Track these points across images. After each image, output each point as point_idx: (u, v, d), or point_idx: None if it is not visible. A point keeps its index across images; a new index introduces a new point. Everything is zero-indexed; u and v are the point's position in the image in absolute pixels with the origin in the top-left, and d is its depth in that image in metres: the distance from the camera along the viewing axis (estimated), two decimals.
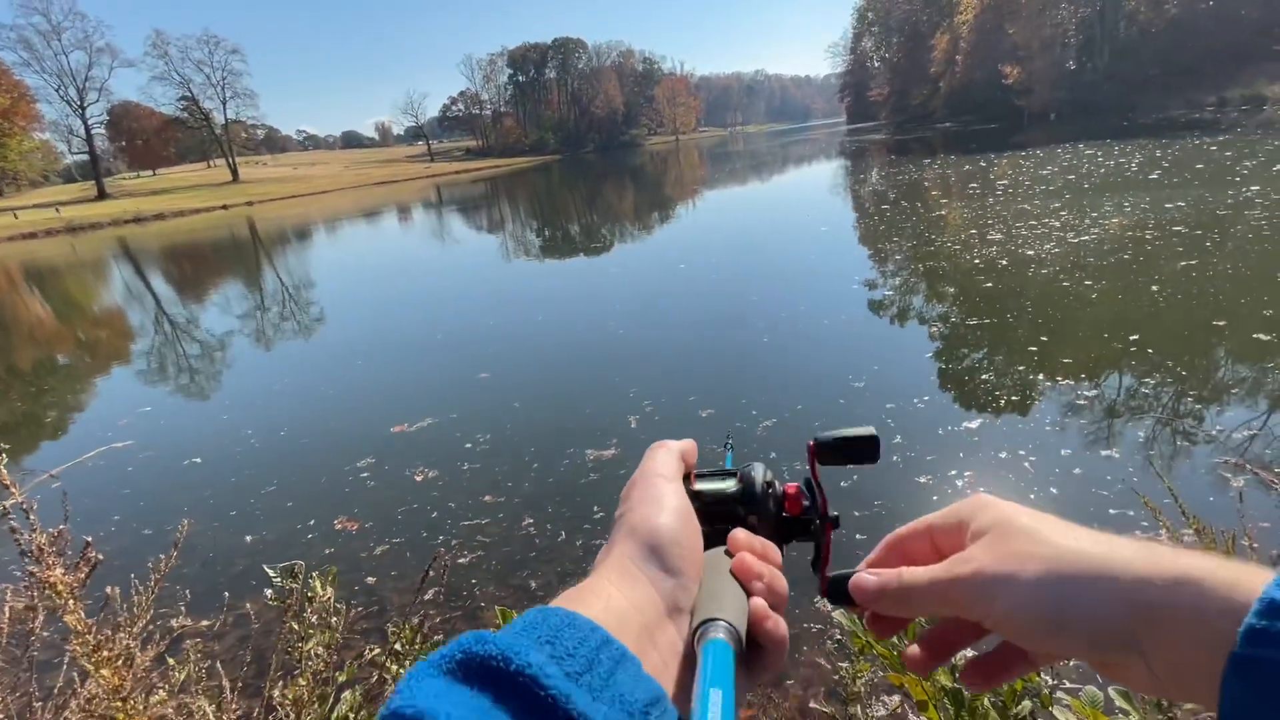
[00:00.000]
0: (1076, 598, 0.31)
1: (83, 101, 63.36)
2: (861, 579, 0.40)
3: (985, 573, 0.34)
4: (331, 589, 1.59)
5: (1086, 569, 0.32)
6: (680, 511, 0.38)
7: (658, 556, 0.36)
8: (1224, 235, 7.19)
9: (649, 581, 0.35)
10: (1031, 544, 0.34)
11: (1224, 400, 3.80)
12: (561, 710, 0.25)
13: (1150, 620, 0.30)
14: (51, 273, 21.00)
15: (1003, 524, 0.36)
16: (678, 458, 0.43)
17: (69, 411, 6.67)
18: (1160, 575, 0.30)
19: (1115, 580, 0.31)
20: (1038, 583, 0.33)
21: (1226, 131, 20.28)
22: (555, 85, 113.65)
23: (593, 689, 0.27)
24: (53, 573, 1.23)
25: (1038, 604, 0.32)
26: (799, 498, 0.44)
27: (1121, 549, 0.32)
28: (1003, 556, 0.34)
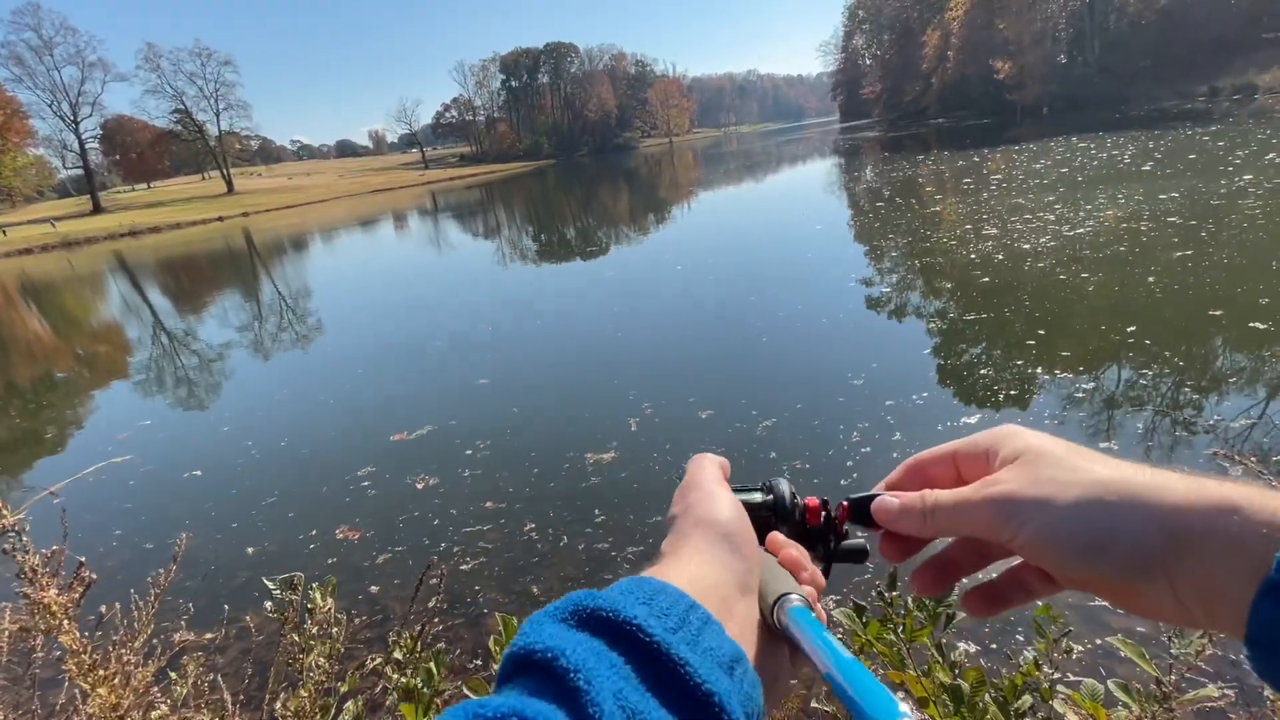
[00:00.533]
0: (1115, 523, 0.32)
1: (76, 116, 63.41)
2: (884, 500, 0.41)
3: (1019, 495, 0.35)
4: (331, 600, 1.59)
5: (1127, 495, 0.32)
6: (735, 506, 0.42)
7: (727, 542, 0.39)
8: (1219, 225, 7.21)
9: (721, 563, 0.38)
10: (1067, 471, 0.35)
11: (1222, 390, 3.81)
12: (665, 655, 0.29)
13: (1187, 545, 0.30)
14: (48, 288, 20.98)
15: (1035, 450, 0.36)
16: (720, 467, 0.47)
17: (68, 427, 6.67)
18: (1203, 501, 0.30)
19: (1156, 506, 0.31)
20: (1075, 507, 0.33)
21: (1219, 121, 20.35)
22: (548, 90, 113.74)
23: (687, 641, 0.30)
24: (46, 594, 1.23)
25: (1075, 528, 0.33)
26: (819, 511, 0.47)
27: (1165, 477, 0.32)
28: (1037, 480, 0.35)
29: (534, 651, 0.29)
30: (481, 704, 0.28)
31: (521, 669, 0.29)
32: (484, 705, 0.27)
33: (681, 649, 0.29)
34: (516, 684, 0.29)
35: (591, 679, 0.27)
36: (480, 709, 0.27)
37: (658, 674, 0.29)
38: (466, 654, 2.62)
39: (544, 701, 0.27)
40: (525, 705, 0.27)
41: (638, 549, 3.08)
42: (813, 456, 3.61)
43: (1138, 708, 1.03)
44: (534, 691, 0.28)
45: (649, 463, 3.85)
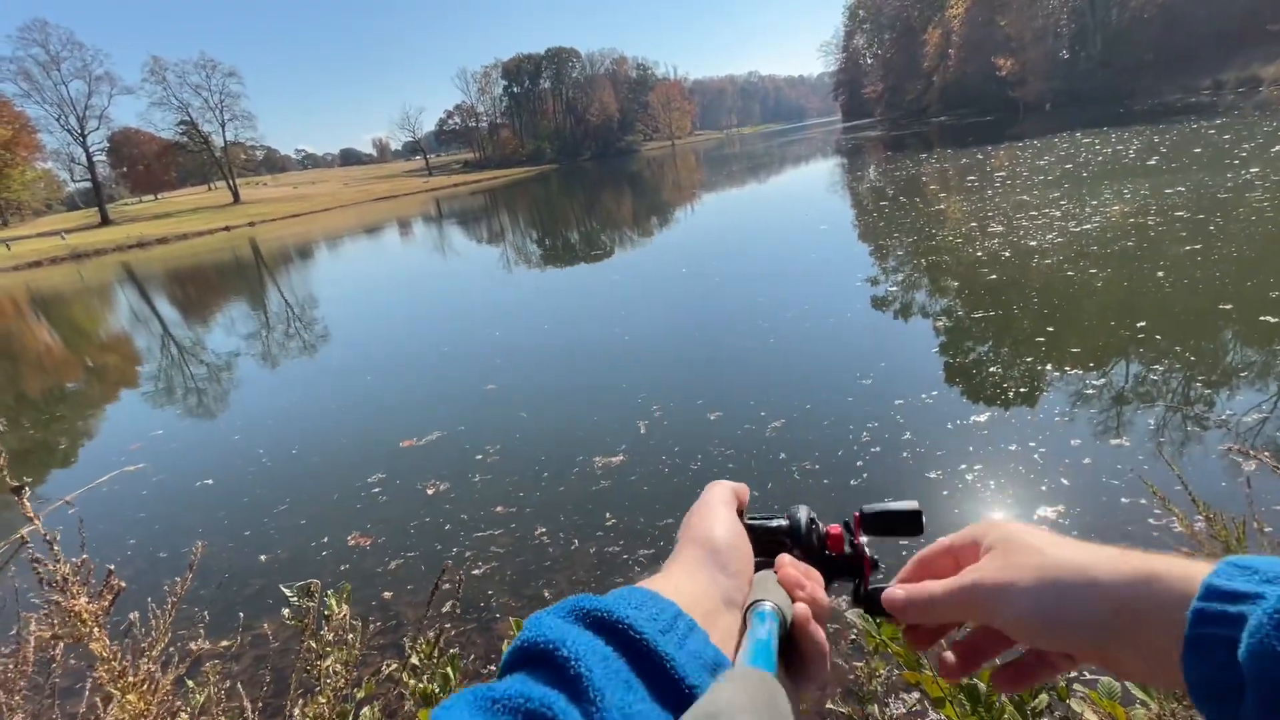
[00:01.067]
0: (1064, 600, 0.36)
1: (83, 130, 64.04)
2: (891, 592, 0.46)
3: (988, 581, 0.40)
4: (347, 606, 1.60)
5: (1072, 575, 0.36)
6: (732, 526, 0.45)
7: (715, 558, 0.42)
8: (1227, 218, 7.17)
9: (708, 579, 0.41)
10: (1026, 555, 0.39)
11: (1233, 385, 3.78)
12: (654, 652, 0.32)
13: (1124, 617, 0.34)
14: (58, 300, 21.17)
15: (1005, 539, 0.41)
16: (731, 491, 0.49)
17: (81, 438, 6.72)
18: (1130, 575, 0.35)
19: (1096, 583, 0.35)
20: (1031, 588, 0.37)
21: (1223, 115, 20.23)
22: (550, 95, 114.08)
23: (674, 643, 0.33)
24: (77, 602, 1.25)
25: (1033, 607, 0.37)
26: (841, 538, 0.49)
27: (1101, 555, 0.37)
28: (1003, 567, 0.40)
29: (536, 643, 0.32)
30: (490, 687, 0.31)
31: (524, 660, 0.32)
32: (493, 688, 0.30)
33: (668, 648, 0.33)
34: (520, 672, 0.32)
35: (590, 667, 0.30)
36: (490, 691, 0.30)
37: (647, 669, 0.32)
38: (480, 659, 2.63)
39: (547, 686, 0.30)
40: (530, 688, 0.30)
41: (649, 551, 3.09)
42: (822, 457, 3.61)
43: (1156, 705, 1.03)
44: (537, 678, 0.31)
45: (658, 465, 3.85)
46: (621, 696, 0.30)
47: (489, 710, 0.29)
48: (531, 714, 0.29)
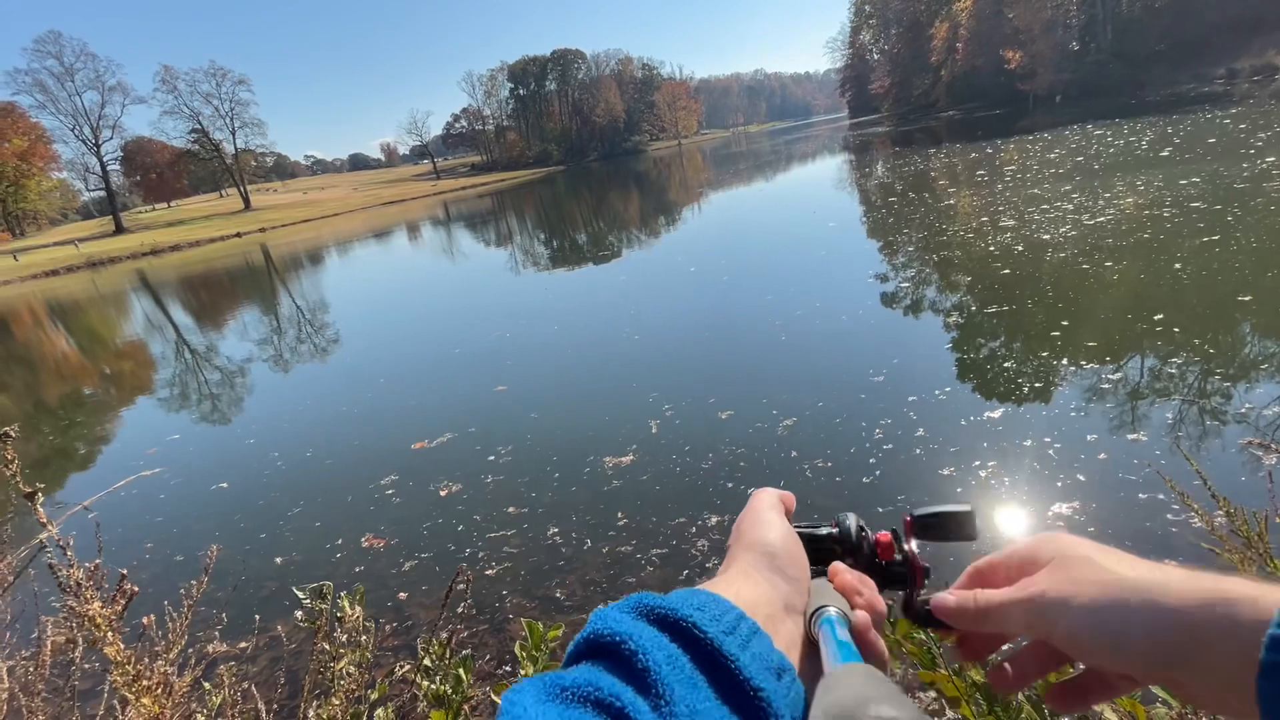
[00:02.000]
0: (1127, 620, 0.35)
1: (97, 140, 64.88)
2: (941, 598, 0.45)
3: (1047, 595, 0.39)
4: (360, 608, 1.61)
5: (1136, 593, 0.35)
6: (786, 532, 0.45)
7: (772, 563, 0.42)
8: (1244, 209, 7.06)
9: (768, 583, 0.41)
10: (1088, 571, 0.38)
11: (1252, 377, 3.72)
12: (719, 651, 0.32)
13: (1193, 640, 0.33)
14: (74, 308, 21.47)
15: (1065, 553, 0.40)
16: (778, 498, 0.49)
17: (99, 443, 6.81)
18: (1198, 598, 0.33)
19: (1160, 604, 0.34)
20: (1091, 606, 0.36)
21: (1238, 104, 19.93)
22: (556, 97, 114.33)
23: (738, 644, 0.33)
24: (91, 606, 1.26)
25: (1092, 624, 0.36)
26: (891, 545, 0.48)
27: (1170, 575, 0.35)
28: (1062, 581, 0.39)
29: (603, 636, 0.32)
30: (559, 675, 0.31)
31: (592, 652, 0.33)
32: (562, 676, 0.31)
33: (733, 649, 0.32)
34: (587, 663, 0.32)
35: (657, 663, 0.31)
36: (559, 679, 0.30)
37: (711, 669, 0.32)
38: (493, 660, 2.64)
39: (615, 678, 0.30)
40: (599, 679, 0.30)
41: (661, 551, 3.08)
42: (834, 455, 3.59)
43: (1177, 704, 1.01)
44: (605, 670, 0.31)
45: (670, 465, 3.84)
46: (687, 694, 0.30)
47: (558, 698, 0.29)
48: (601, 703, 0.29)
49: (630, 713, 0.29)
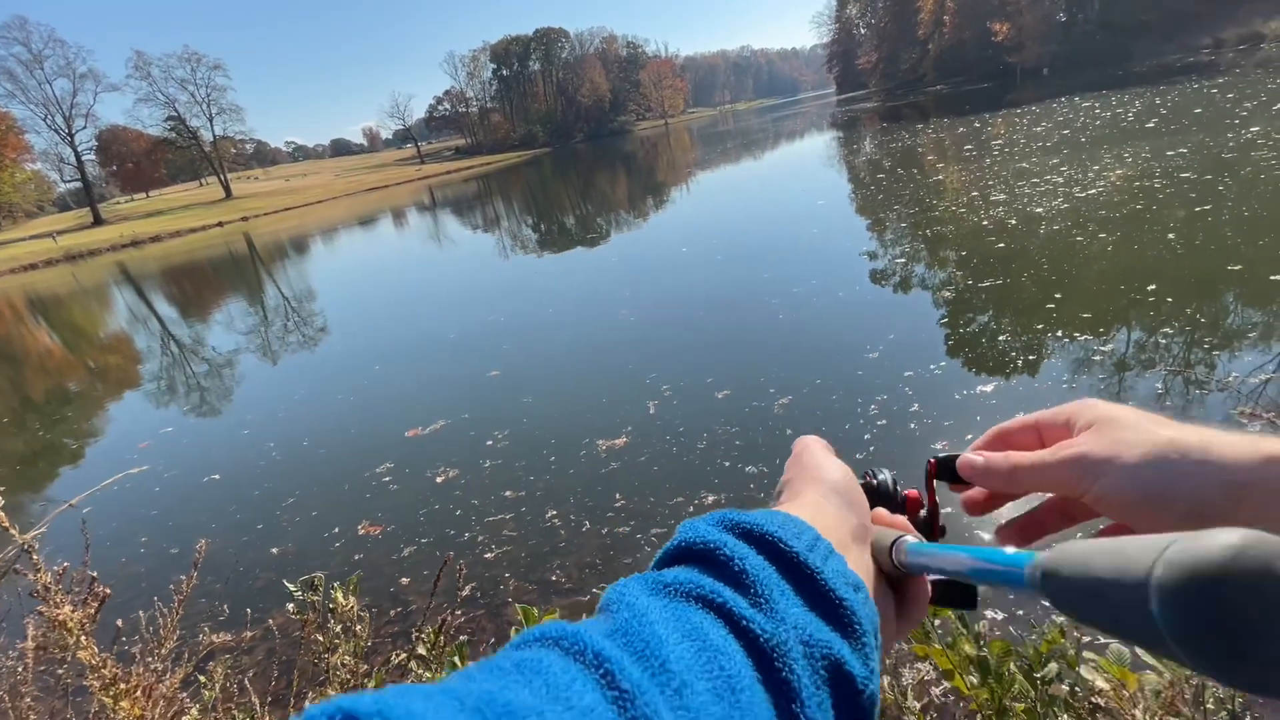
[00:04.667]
0: (1174, 478, 0.36)
1: (70, 129, 63.37)
2: (968, 458, 0.46)
3: (1091, 455, 0.39)
4: (353, 598, 1.59)
5: (1186, 452, 0.36)
6: (845, 470, 0.45)
7: (840, 495, 0.42)
8: (1234, 178, 7.09)
9: (838, 512, 0.41)
10: (1135, 432, 0.39)
11: (1241, 345, 3.75)
12: (802, 564, 0.33)
13: (1240, 497, 0.34)
14: (55, 303, 21.10)
15: (1109, 417, 0.41)
16: (826, 443, 0.49)
17: (89, 438, 6.72)
18: (1252, 455, 0.34)
19: (1211, 462, 0.35)
20: (1139, 464, 0.37)
21: (1225, 73, 19.96)
22: (540, 77, 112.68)
23: (820, 558, 0.34)
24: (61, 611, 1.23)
25: (1138, 482, 0.37)
26: (919, 502, 0.49)
27: (1220, 436, 0.36)
28: (1107, 442, 0.39)
29: (695, 543, 0.33)
30: (659, 574, 0.32)
31: (685, 557, 0.33)
32: (662, 575, 0.32)
33: (814, 560, 0.33)
34: (681, 567, 0.33)
35: (754, 566, 0.32)
36: (660, 577, 0.31)
37: (797, 579, 0.33)
38: (492, 644, 2.64)
39: (714, 579, 0.31)
40: (699, 578, 0.31)
41: (660, 530, 3.08)
42: (830, 432, 3.59)
43: (1169, 671, 1.02)
44: (703, 571, 0.32)
45: (667, 445, 3.84)
46: (780, 598, 0.31)
47: (661, 592, 0.31)
48: (704, 599, 0.30)
49: (733, 608, 0.30)
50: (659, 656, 0.27)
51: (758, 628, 0.29)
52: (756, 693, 0.28)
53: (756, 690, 0.28)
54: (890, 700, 1.48)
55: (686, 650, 0.27)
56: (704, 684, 0.26)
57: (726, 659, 0.28)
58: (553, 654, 0.26)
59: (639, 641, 0.27)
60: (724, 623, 0.30)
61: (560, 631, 0.27)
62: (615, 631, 0.28)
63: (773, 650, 0.29)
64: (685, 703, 0.25)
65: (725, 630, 0.29)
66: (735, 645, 0.29)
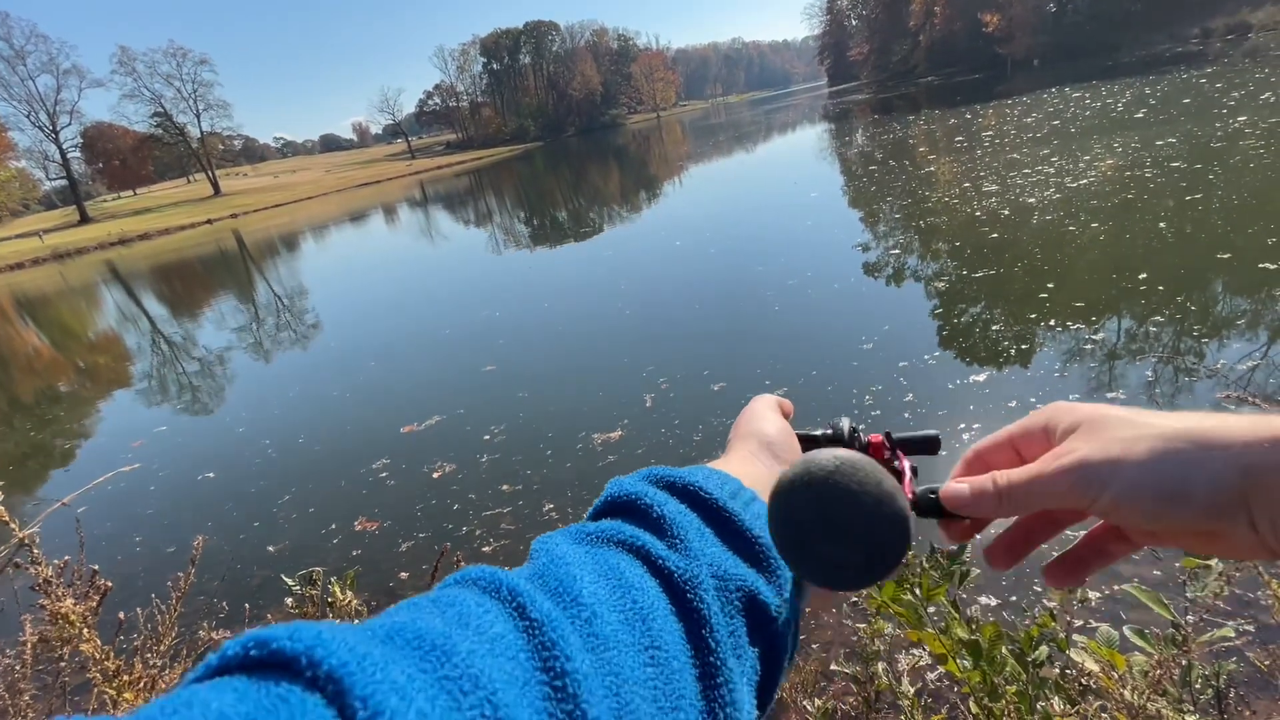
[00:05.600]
0: (1190, 469, 0.32)
1: (55, 126, 62.54)
2: (952, 487, 0.41)
3: (1092, 460, 0.35)
4: (352, 592, 1.60)
5: (1196, 441, 0.33)
6: (780, 423, 0.48)
7: (769, 449, 0.45)
8: (1224, 167, 7.14)
9: (765, 465, 0.44)
10: (1133, 429, 0.35)
11: (1230, 333, 3.80)
12: (723, 508, 0.36)
13: (1258, 481, 0.31)
14: (43, 302, 20.88)
15: (1094, 417, 0.37)
16: (775, 400, 0.52)
17: (80, 438, 6.68)
18: (1260, 436, 0.31)
19: (1225, 446, 0.32)
20: (1149, 461, 0.33)
21: (1213, 63, 20.06)
22: (530, 71, 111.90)
23: (740, 505, 0.37)
24: (63, 604, 1.23)
25: (1153, 480, 0.33)
26: (882, 446, 0.49)
27: (1228, 419, 0.33)
28: (1107, 442, 0.35)
29: (620, 496, 0.36)
30: (584, 525, 0.35)
31: (610, 509, 0.36)
32: (585, 526, 0.34)
33: (734, 506, 0.36)
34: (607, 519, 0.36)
35: (671, 513, 0.34)
36: (584, 528, 0.34)
37: (716, 523, 0.36)
38: None
39: (635, 527, 0.34)
40: (621, 527, 0.34)
41: None
42: (824, 422, 3.60)
43: (1156, 652, 1.04)
44: (625, 521, 0.35)
45: (663, 438, 3.85)
46: (697, 539, 0.34)
47: (584, 540, 0.33)
48: (624, 544, 0.33)
49: (650, 549, 0.32)
50: (571, 592, 0.29)
51: (671, 564, 0.32)
52: (668, 621, 0.30)
53: (669, 619, 0.30)
54: (885, 685, 1.50)
55: (601, 587, 0.30)
56: (615, 615, 0.29)
57: (640, 593, 0.30)
58: (470, 591, 0.28)
59: (554, 580, 0.30)
60: (641, 563, 0.32)
61: (480, 573, 0.29)
62: (534, 574, 0.31)
63: (685, 584, 0.32)
64: (595, 630, 0.27)
65: (642, 569, 0.32)
66: (651, 582, 0.32)
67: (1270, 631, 1.88)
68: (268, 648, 0.20)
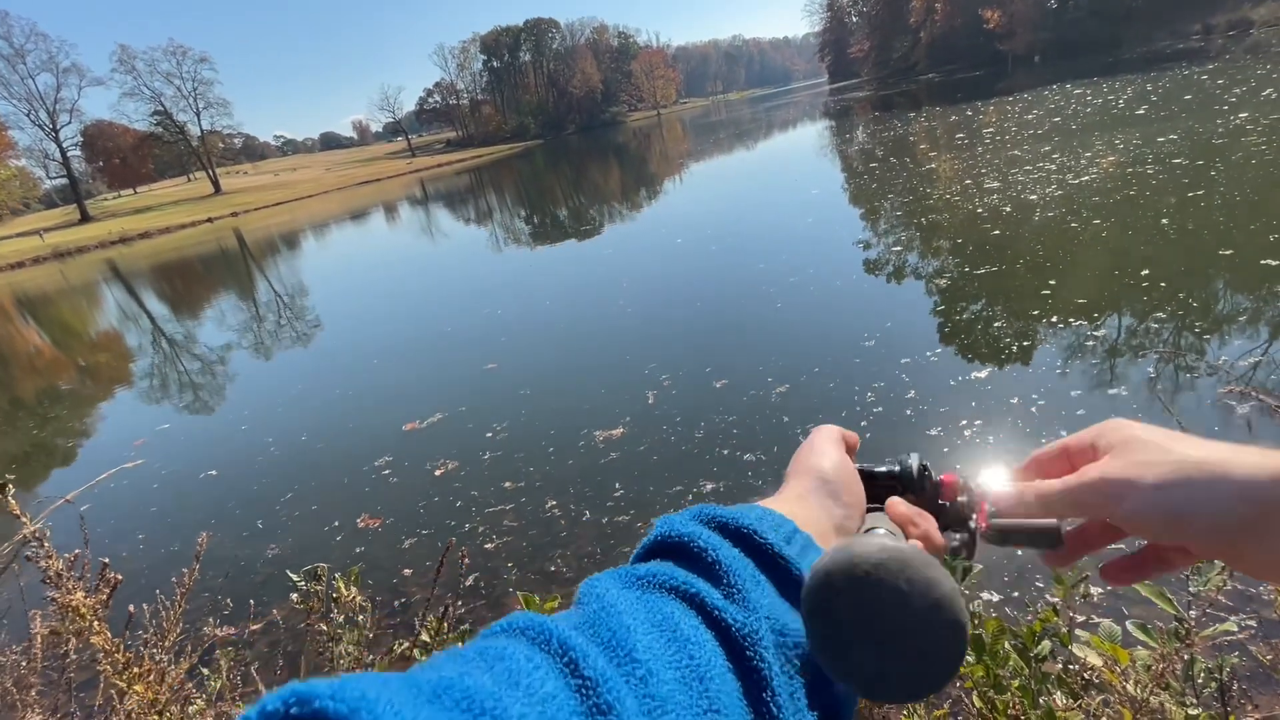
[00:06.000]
0: (1193, 496, 0.36)
1: (55, 124, 62.45)
2: (1000, 490, 0.46)
3: (1109, 478, 0.39)
4: (355, 588, 1.60)
5: (1207, 471, 0.36)
6: (842, 461, 0.46)
7: (826, 488, 0.43)
8: (1226, 164, 7.13)
9: (820, 506, 0.42)
10: (1154, 454, 0.39)
11: (1234, 329, 3.80)
12: (779, 555, 0.34)
13: (1262, 513, 0.34)
14: (44, 301, 20.89)
15: (1129, 439, 0.41)
16: (839, 433, 0.50)
17: (82, 436, 6.69)
18: (1270, 474, 0.34)
19: (1232, 480, 0.35)
20: (1160, 485, 0.37)
21: (1214, 59, 20.00)
22: (531, 68, 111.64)
23: (795, 551, 0.35)
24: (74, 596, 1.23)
25: (1159, 503, 0.37)
26: (955, 485, 0.48)
27: (1241, 452, 0.36)
28: (1127, 464, 0.39)
29: (671, 537, 0.35)
30: (633, 568, 0.33)
31: (661, 550, 0.35)
32: (636, 569, 0.33)
33: (790, 553, 0.35)
34: (657, 560, 0.34)
35: (727, 558, 0.33)
36: (634, 571, 0.33)
37: (772, 570, 0.34)
38: None
39: (688, 571, 0.32)
40: (673, 570, 0.32)
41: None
42: (826, 419, 3.56)
43: (1159, 646, 1.04)
44: (677, 564, 0.33)
45: (665, 435, 3.86)
46: (753, 588, 0.32)
47: (635, 585, 0.32)
48: (677, 590, 0.31)
49: (706, 599, 0.31)
50: (625, 646, 0.27)
51: (730, 618, 0.30)
52: (726, 680, 0.28)
53: (727, 679, 0.28)
54: None
55: (655, 640, 0.28)
56: (671, 673, 0.27)
57: (696, 648, 0.28)
58: (518, 643, 0.26)
59: (606, 631, 0.28)
60: (696, 613, 0.30)
61: (528, 622, 0.27)
62: (584, 623, 0.29)
63: (744, 639, 0.30)
64: (651, 690, 0.26)
65: (698, 620, 0.30)
66: (707, 635, 0.30)
67: (1272, 626, 1.89)
68: (310, 706, 0.19)
